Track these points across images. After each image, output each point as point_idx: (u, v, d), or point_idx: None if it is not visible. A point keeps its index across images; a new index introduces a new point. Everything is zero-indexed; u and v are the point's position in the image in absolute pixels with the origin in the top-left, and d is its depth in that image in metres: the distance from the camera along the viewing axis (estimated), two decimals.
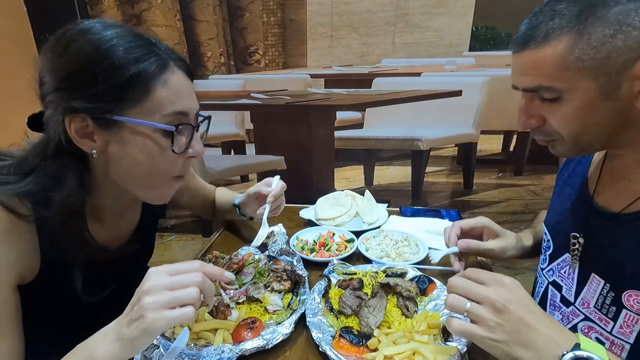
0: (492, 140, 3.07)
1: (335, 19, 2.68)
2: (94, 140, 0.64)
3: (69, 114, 0.61)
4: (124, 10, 2.62)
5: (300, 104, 2.51)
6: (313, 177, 2.57)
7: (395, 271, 0.87)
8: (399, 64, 2.73)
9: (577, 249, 0.74)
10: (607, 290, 0.68)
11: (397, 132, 2.63)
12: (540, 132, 0.67)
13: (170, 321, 0.52)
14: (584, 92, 0.59)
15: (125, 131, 0.64)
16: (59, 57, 0.61)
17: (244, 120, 2.80)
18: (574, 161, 0.83)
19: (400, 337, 0.68)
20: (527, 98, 0.66)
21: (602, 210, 0.72)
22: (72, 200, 0.64)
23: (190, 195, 1.08)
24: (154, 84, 0.63)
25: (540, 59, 0.60)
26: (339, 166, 2.93)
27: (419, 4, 2.58)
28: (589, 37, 0.56)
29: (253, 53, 2.88)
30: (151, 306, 0.51)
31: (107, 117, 0.62)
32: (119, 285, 0.83)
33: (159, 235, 2.71)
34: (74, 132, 0.62)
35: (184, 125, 0.67)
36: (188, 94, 0.68)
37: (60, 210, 0.63)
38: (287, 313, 0.78)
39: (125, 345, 0.53)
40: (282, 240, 1.01)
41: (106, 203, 0.75)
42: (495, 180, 3.02)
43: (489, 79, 2.55)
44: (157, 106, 0.64)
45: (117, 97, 0.61)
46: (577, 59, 0.57)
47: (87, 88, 0.60)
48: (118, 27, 0.64)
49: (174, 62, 0.66)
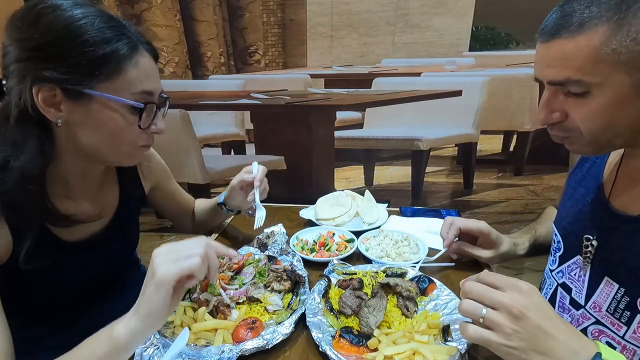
0: (492, 140, 3.07)
1: (335, 19, 2.68)
2: (60, 109, 0.67)
3: (37, 83, 0.64)
4: (124, 10, 2.62)
5: (300, 104, 2.51)
6: (313, 177, 2.57)
7: (395, 271, 0.87)
8: (399, 64, 2.73)
9: (590, 251, 0.72)
10: (622, 295, 0.66)
11: (397, 132, 2.63)
12: (559, 127, 0.64)
13: (180, 269, 0.55)
14: (616, 88, 0.55)
15: (93, 103, 0.67)
16: (28, 28, 0.63)
17: (244, 120, 2.80)
18: (589, 162, 0.81)
19: (400, 337, 0.68)
20: (551, 91, 0.62)
21: (618, 213, 0.69)
22: (31, 165, 0.66)
23: (165, 196, 1.09)
24: (126, 64, 0.67)
25: (572, 49, 0.56)
26: (339, 166, 2.92)
27: (419, 4, 2.58)
28: (629, 28, 0.52)
29: (253, 53, 2.87)
30: (162, 261, 0.56)
31: (78, 89, 0.65)
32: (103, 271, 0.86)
33: (158, 235, 2.72)
34: (40, 101, 0.65)
35: (150, 104, 0.72)
36: (154, 75, 0.73)
37: (19, 174, 0.65)
38: (287, 313, 0.78)
39: (142, 317, 0.56)
40: (282, 240, 1.02)
41: (72, 176, 0.77)
42: (495, 180, 3.02)
43: (489, 79, 2.55)
44: (128, 84, 0.68)
45: (90, 72, 0.65)
46: (614, 51, 0.53)
47: (59, 60, 0.63)
48: (89, 7, 0.67)
49: (143, 45, 0.71)
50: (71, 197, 0.78)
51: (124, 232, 0.91)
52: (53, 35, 0.63)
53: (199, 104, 2.59)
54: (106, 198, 0.86)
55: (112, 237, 0.85)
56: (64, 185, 0.76)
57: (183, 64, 2.78)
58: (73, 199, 0.78)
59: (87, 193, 0.81)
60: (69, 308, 0.81)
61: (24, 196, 0.67)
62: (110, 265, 0.88)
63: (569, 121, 0.62)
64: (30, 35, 0.63)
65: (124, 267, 0.96)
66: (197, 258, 0.57)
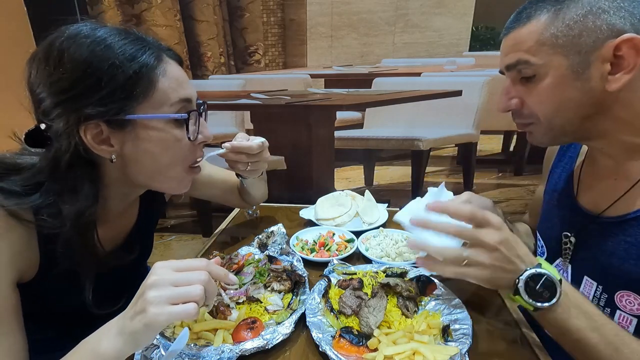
0: (492, 140, 3.07)
1: (335, 19, 2.68)
2: (111, 144, 0.64)
3: (82, 123, 0.61)
4: (124, 10, 2.61)
5: (300, 104, 2.51)
6: (313, 177, 2.57)
7: (395, 271, 0.87)
8: (399, 64, 2.73)
9: (569, 248, 0.75)
10: (600, 292, 0.69)
11: (397, 132, 2.63)
12: (519, 115, 0.71)
13: (172, 316, 0.52)
14: (557, 69, 0.63)
15: (139, 129, 0.64)
16: (55, 68, 0.60)
17: (244, 120, 2.79)
18: (559, 167, 0.85)
19: (400, 337, 0.68)
20: (509, 80, 0.70)
21: (585, 212, 0.73)
22: (89, 211, 0.64)
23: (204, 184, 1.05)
24: (155, 76, 0.64)
25: (522, 35, 0.65)
26: (339, 166, 2.92)
27: (419, 4, 2.58)
28: (564, 16, 0.61)
29: (253, 53, 2.87)
30: (154, 300, 0.51)
31: (120, 117, 0.62)
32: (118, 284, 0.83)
33: (158, 235, 2.73)
34: (90, 140, 0.62)
35: (192, 112, 0.68)
36: (186, 81, 0.70)
37: (76, 222, 0.63)
38: (287, 313, 0.78)
39: (128, 340, 0.53)
40: (282, 240, 1.01)
41: (112, 205, 0.74)
42: (495, 180, 3.02)
43: (489, 79, 2.54)
44: (164, 97, 0.65)
45: (126, 95, 0.61)
46: (552, 35, 0.62)
47: (95, 92, 0.60)
48: (105, 27, 0.64)
49: (165, 52, 0.68)
50: (105, 222, 0.75)
51: (140, 246, 0.87)
52: (82, 68, 0.60)
53: None
54: (128, 218, 0.84)
55: (126, 251, 0.81)
56: (102, 218, 0.73)
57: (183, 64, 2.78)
58: (106, 224, 0.76)
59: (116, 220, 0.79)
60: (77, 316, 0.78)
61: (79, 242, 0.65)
62: (122, 276, 0.86)
63: (525, 107, 0.69)
64: (60, 76, 0.60)
65: (136, 276, 0.95)
66: (192, 304, 0.52)
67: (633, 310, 0.65)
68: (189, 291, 0.53)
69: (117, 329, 0.55)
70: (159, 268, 0.55)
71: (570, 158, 0.83)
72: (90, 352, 0.55)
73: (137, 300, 0.54)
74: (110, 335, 0.55)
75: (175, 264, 0.56)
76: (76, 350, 0.57)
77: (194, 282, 0.54)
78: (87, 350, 0.56)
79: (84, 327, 0.59)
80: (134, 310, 0.53)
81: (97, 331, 0.57)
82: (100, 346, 0.54)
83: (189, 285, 0.53)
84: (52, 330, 0.77)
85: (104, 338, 0.55)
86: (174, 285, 0.53)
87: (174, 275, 0.54)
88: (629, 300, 0.65)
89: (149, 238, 0.95)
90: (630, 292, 0.65)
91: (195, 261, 0.57)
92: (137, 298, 0.54)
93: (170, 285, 0.53)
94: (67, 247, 0.64)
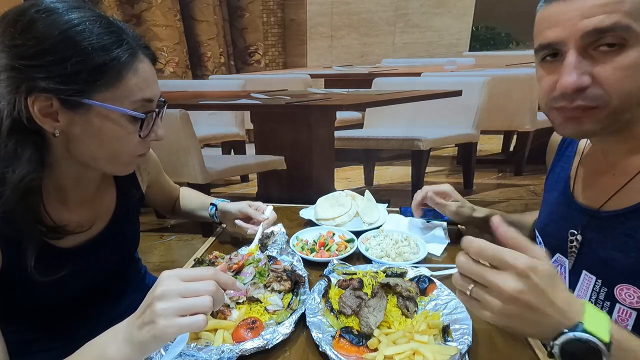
0: (492, 140, 3.07)
1: (335, 19, 2.68)
2: (57, 120, 0.64)
3: (33, 93, 0.61)
4: (124, 10, 2.62)
5: (300, 104, 2.51)
6: (313, 177, 2.57)
7: (395, 271, 0.87)
8: (399, 64, 2.73)
9: (575, 246, 0.74)
10: (600, 286, 0.69)
11: (397, 132, 2.63)
12: (583, 96, 0.58)
13: (181, 329, 0.52)
14: None
15: (92, 114, 0.64)
16: (21, 33, 0.60)
17: (244, 120, 2.80)
18: (558, 167, 0.85)
19: (400, 337, 0.68)
20: (581, 51, 0.57)
21: (584, 208, 0.73)
22: (31, 177, 0.64)
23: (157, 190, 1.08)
24: (126, 72, 0.64)
25: None
26: (339, 166, 2.92)
27: (419, 4, 2.58)
28: None
29: (253, 53, 2.87)
30: (163, 312, 0.51)
31: (76, 99, 0.62)
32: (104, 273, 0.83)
33: (158, 235, 2.72)
34: (37, 112, 0.62)
35: (150, 113, 0.69)
36: (154, 81, 0.70)
37: (18, 187, 0.63)
38: (287, 313, 0.78)
39: (136, 348, 0.53)
40: (282, 240, 1.01)
41: (67, 183, 0.75)
42: (495, 180, 3.02)
43: (489, 79, 2.55)
44: (128, 93, 0.65)
45: (89, 81, 0.62)
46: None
47: (56, 69, 0.60)
48: (86, 10, 0.63)
49: (141, 50, 0.68)
50: (67, 203, 0.76)
51: (123, 234, 0.89)
52: (49, 42, 0.59)
53: (199, 104, 2.59)
54: (103, 201, 0.84)
55: (110, 240, 0.83)
56: (59, 192, 0.74)
57: (183, 64, 2.78)
58: (69, 205, 0.76)
59: (83, 199, 0.79)
60: (69, 311, 0.79)
61: (22, 210, 0.64)
62: (110, 267, 0.86)
63: (595, 86, 0.57)
64: (24, 42, 0.59)
65: (125, 268, 0.95)
66: (201, 316, 0.52)
67: (633, 304, 0.65)
68: (198, 303, 0.52)
69: (125, 336, 0.54)
70: (166, 278, 0.54)
71: (568, 157, 0.83)
72: (97, 356, 0.55)
73: (145, 310, 0.53)
74: (118, 342, 0.54)
75: (183, 273, 0.55)
76: (81, 352, 0.57)
77: (202, 293, 0.53)
78: (93, 353, 0.56)
79: (71, 326, 0.59)
80: (141, 320, 0.53)
81: (102, 335, 0.57)
82: (107, 351, 0.54)
83: (197, 296, 0.53)
84: (34, 332, 0.77)
85: (111, 343, 0.55)
86: (182, 297, 0.52)
87: (182, 285, 0.53)
88: (629, 294, 0.65)
89: (131, 227, 0.94)
90: (629, 285, 0.64)
91: (203, 270, 0.57)
92: (145, 308, 0.54)
93: (179, 296, 0.52)
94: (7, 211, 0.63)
